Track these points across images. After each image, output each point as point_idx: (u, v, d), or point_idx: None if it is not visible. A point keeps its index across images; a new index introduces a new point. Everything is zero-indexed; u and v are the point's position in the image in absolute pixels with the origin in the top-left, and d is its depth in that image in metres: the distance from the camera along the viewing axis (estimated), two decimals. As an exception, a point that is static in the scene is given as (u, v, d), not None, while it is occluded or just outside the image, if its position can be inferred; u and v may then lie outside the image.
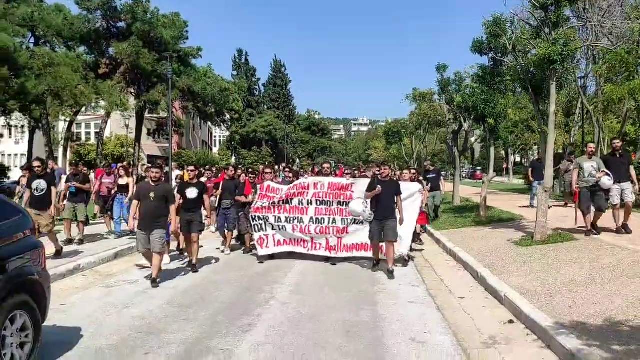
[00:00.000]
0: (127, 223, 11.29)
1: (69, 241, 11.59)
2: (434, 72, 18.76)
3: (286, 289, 8.28)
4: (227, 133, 68.82)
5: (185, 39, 36.31)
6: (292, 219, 10.59)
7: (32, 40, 33.54)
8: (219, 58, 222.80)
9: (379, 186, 9.33)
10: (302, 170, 16.93)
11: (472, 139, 49.07)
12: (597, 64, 17.86)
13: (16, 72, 24.77)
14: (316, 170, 15.60)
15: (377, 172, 10.56)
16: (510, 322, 6.39)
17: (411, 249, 10.86)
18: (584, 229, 10.71)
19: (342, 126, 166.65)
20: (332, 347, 5.52)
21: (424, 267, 10.16)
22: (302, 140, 79.49)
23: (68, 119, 37.06)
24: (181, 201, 9.74)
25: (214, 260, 10.82)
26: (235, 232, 12.11)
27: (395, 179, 11.02)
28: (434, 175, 16.34)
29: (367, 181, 10.28)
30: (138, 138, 38.58)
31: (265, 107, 73.07)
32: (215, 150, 74.50)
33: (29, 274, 4.78)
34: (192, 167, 10.55)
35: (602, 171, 10.24)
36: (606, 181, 10.17)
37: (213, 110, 39.19)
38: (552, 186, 15.75)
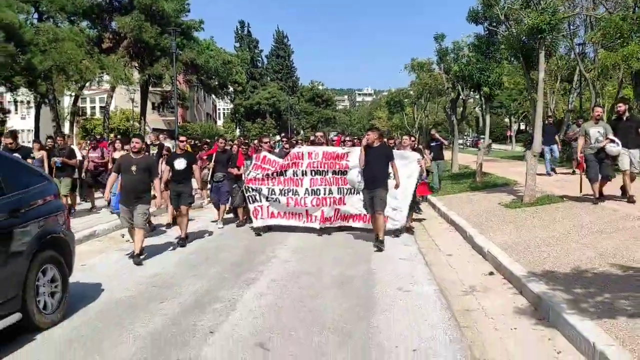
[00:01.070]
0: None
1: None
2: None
3: (287, 250, 8.92)
4: (231, 105, 69.09)
5: (187, 11, 36.43)
6: (286, 191, 10.21)
7: (36, 15, 33.82)
8: (221, 30, 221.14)
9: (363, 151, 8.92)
10: (300, 141, 16.12)
11: (475, 108, 49.35)
12: (593, 31, 18.12)
13: (22, 48, 25.16)
14: (311, 139, 14.99)
15: (348, 139, 10.76)
16: (491, 274, 7.01)
17: (411, 220, 10.49)
18: (591, 197, 10.29)
19: (346, 97, 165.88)
20: (327, 295, 6.17)
21: (417, 229, 10.75)
22: (306, 112, 79.69)
23: (74, 94, 37.50)
24: (170, 173, 9.52)
25: (207, 234, 10.47)
26: (229, 206, 11.76)
27: (392, 145, 11.35)
28: (437, 143, 16.25)
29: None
30: (143, 112, 39.05)
31: (269, 78, 73.20)
32: (220, 122, 74.92)
33: (55, 232, 5.40)
34: (183, 138, 10.25)
35: (607, 137, 9.71)
36: (612, 148, 9.64)
37: (216, 82, 39.55)
38: (560, 153, 15.92)
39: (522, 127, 60.64)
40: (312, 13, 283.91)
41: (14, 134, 10.65)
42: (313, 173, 10.23)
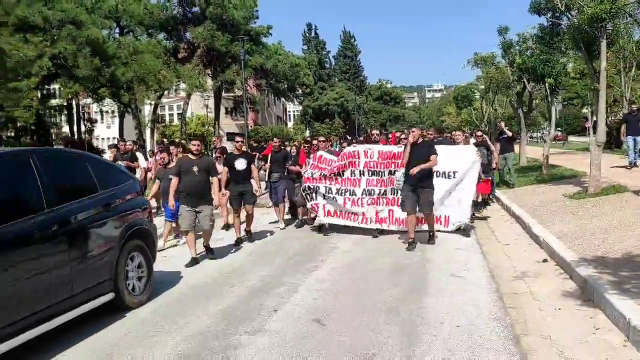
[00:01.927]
0: None
1: None
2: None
3: (347, 241, 9.38)
4: (300, 107, 70.40)
5: (256, 18, 37.78)
6: (343, 191, 9.94)
7: (117, 30, 36.27)
8: (289, 34, 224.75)
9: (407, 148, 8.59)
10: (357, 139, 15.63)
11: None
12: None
13: (106, 61, 27.15)
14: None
15: (404, 136, 10.27)
16: (544, 261, 7.20)
17: (472, 218, 10.31)
18: None
19: (415, 93, 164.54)
20: (382, 280, 6.63)
21: (478, 221, 10.94)
22: (375, 110, 79.86)
23: (153, 103, 39.76)
24: (228, 174, 9.57)
25: (269, 233, 10.54)
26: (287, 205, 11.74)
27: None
28: (505, 136, 15.40)
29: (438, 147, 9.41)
30: (217, 117, 40.74)
31: (336, 79, 73.96)
32: (290, 124, 76.48)
33: (140, 224, 6.18)
34: (239, 138, 10.21)
35: None
36: None
37: (285, 86, 40.69)
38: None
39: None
40: (379, 12, 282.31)
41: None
42: (370, 173, 9.88)
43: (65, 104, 39.68)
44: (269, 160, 11.23)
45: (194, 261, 7.89)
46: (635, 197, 10.08)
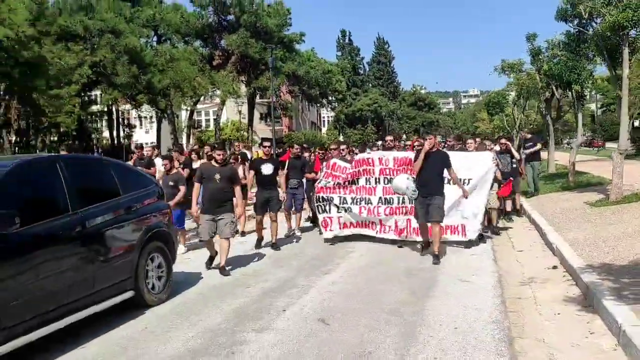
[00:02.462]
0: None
1: None
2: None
3: (364, 245, 9.56)
4: (335, 112, 70.82)
5: (289, 25, 38.27)
6: (359, 200, 9.69)
7: (155, 38, 37.41)
8: (324, 40, 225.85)
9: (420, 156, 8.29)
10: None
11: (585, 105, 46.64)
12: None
13: (143, 69, 28.07)
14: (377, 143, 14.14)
15: (418, 145, 9.72)
16: (554, 267, 7.30)
17: (494, 229, 10.22)
18: None
19: (451, 99, 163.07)
20: (392, 283, 6.86)
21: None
22: (408, 116, 79.60)
23: (189, 108, 40.75)
24: (254, 179, 9.57)
25: (289, 239, 10.55)
26: (305, 213, 11.83)
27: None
28: (531, 143, 14.86)
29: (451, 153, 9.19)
30: (250, 122, 41.43)
31: (370, 85, 74.18)
32: (324, 130, 76.90)
33: (160, 227, 6.57)
34: (267, 143, 9.97)
35: None
36: None
37: (318, 92, 41.09)
38: None
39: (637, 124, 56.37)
40: (415, 17, 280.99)
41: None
42: (386, 181, 9.49)
43: (105, 109, 41.12)
44: (286, 167, 10.92)
45: (212, 259, 8.00)
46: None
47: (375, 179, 9.66)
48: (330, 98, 48.13)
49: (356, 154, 11.52)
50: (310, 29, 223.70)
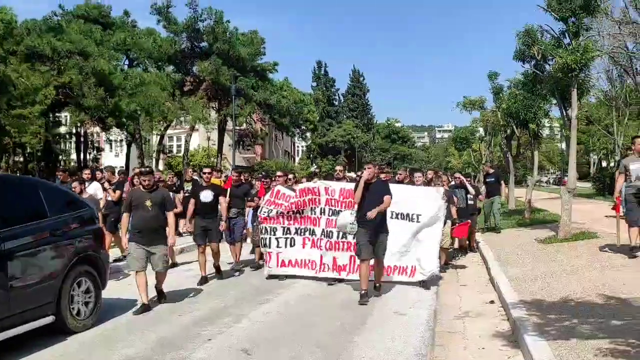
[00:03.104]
0: None
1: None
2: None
3: (309, 278, 9.16)
4: (308, 142, 71.18)
5: (262, 54, 38.62)
6: (302, 231, 9.12)
7: (127, 62, 37.35)
8: (300, 70, 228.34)
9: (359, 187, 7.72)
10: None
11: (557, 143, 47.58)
12: None
13: (111, 92, 27.88)
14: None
15: (358, 174, 9.45)
16: (491, 302, 7.33)
17: (444, 268, 9.64)
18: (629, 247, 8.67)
19: (426, 133, 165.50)
20: (327, 315, 6.78)
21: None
22: (382, 148, 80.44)
23: (159, 133, 40.54)
24: (193, 207, 8.98)
25: (231, 269, 10.00)
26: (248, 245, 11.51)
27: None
28: (492, 179, 14.75)
29: (395, 186, 8.74)
30: (220, 149, 41.31)
31: (345, 116, 74.95)
32: (297, 159, 77.14)
33: (90, 251, 6.42)
34: (207, 170, 9.73)
35: None
36: None
37: (288, 121, 41.30)
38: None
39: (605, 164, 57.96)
40: (390, 52, 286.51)
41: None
42: (330, 212, 8.92)
43: (73, 131, 40.66)
44: (227, 195, 10.16)
45: (145, 308, 7.01)
46: (598, 243, 10.17)
47: (321, 209, 9.06)
48: (302, 128, 48.40)
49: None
50: (288, 58, 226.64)
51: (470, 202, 11.82)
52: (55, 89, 26.38)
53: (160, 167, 47.90)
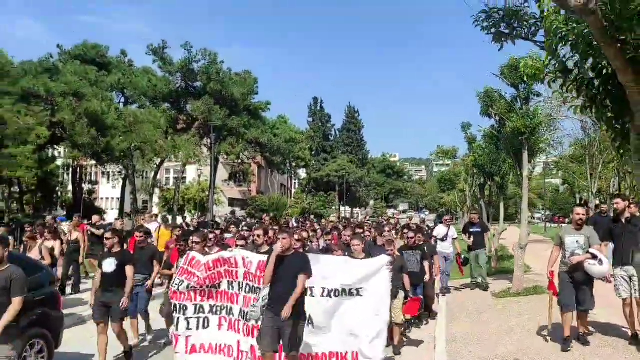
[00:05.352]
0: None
1: None
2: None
3: None
4: (304, 177, 72.04)
5: (255, 93, 39.81)
6: (219, 309, 7.44)
7: (122, 99, 38.43)
8: (298, 106, 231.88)
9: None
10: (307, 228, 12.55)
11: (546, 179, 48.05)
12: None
13: (103, 132, 28.70)
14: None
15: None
16: (425, 363, 7.80)
17: (397, 349, 8.18)
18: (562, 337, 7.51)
19: (423, 167, 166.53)
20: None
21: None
22: (377, 183, 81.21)
23: (153, 168, 41.39)
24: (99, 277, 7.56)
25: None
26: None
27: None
28: (478, 229, 13.02)
29: (325, 258, 7.53)
30: (212, 185, 42.07)
31: (340, 151, 75.98)
32: (293, 193, 77.86)
33: (45, 313, 6.93)
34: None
35: (588, 251, 7.31)
36: (592, 267, 7.18)
37: (279, 159, 42.21)
38: None
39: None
40: (390, 86, 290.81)
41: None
42: (247, 289, 7.21)
43: (69, 164, 41.56)
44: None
45: None
46: (546, 299, 10.62)
47: (239, 284, 7.31)
48: (293, 165, 49.30)
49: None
50: (285, 94, 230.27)
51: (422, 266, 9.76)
52: (50, 127, 27.27)
53: (156, 200, 48.70)
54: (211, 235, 8.76)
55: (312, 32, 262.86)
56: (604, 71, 3.78)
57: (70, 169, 45.67)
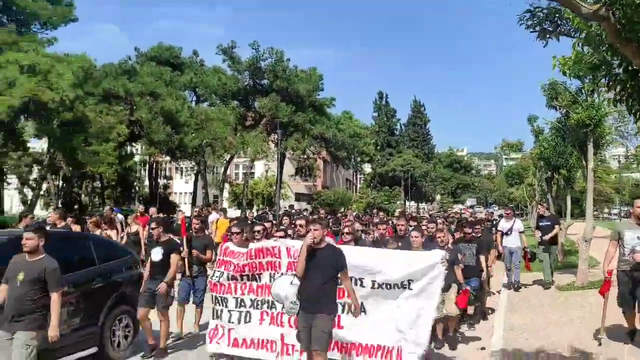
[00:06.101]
0: None
1: None
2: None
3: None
4: (365, 173, 72.34)
5: (320, 90, 40.42)
6: (260, 303, 7.21)
7: (194, 98, 40.16)
8: (364, 101, 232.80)
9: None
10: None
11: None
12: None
13: (177, 129, 30.23)
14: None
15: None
16: (482, 348, 8.02)
17: (453, 344, 8.03)
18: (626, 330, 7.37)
19: (493, 161, 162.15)
20: None
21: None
22: (444, 178, 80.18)
23: (223, 165, 43.01)
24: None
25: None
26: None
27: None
28: (547, 223, 12.43)
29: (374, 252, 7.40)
30: (279, 179, 43.21)
31: (405, 146, 75.62)
32: (359, 187, 78.25)
33: (131, 292, 7.74)
34: (154, 225, 8.13)
35: None
36: None
37: (345, 154, 42.74)
38: None
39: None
40: (458, 80, 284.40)
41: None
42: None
43: (147, 159, 43.97)
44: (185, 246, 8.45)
45: None
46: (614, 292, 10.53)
47: (282, 275, 6.93)
48: (357, 159, 49.72)
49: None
50: (353, 89, 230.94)
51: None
52: (128, 125, 29.11)
53: (226, 194, 50.53)
54: (258, 227, 8.27)
55: (375, 32, 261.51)
56: (630, 67, 3.96)
57: (147, 165, 48.32)
